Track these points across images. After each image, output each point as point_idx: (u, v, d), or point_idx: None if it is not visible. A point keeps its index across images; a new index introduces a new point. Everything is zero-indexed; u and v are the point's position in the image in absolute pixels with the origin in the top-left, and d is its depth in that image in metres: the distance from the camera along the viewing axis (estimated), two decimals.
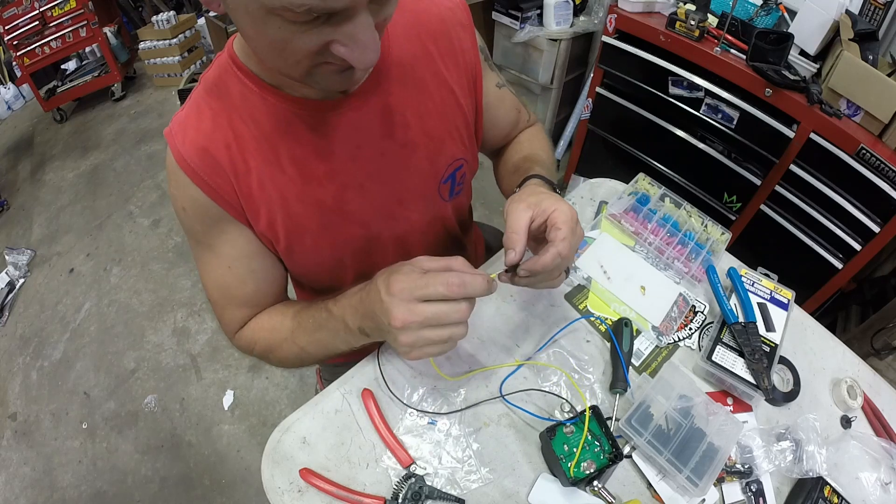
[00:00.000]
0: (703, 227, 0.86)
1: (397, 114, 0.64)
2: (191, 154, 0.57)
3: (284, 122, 0.58)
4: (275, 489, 0.58)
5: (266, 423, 1.74)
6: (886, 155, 1.28)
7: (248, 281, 0.66)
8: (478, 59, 0.71)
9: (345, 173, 0.63)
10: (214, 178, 0.58)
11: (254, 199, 0.60)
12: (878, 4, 1.47)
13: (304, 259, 0.67)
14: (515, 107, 0.81)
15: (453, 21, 0.68)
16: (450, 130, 0.69)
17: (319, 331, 0.62)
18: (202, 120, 0.58)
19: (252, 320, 0.70)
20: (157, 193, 2.72)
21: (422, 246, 0.76)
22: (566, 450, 0.57)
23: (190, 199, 0.60)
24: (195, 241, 0.65)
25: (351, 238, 0.68)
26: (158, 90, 3.60)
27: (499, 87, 0.78)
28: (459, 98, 0.69)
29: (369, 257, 0.71)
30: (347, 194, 0.64)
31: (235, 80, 0.58)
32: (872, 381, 0.74)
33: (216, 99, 0.58)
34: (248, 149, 0.58)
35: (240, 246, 0.64)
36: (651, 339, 0.73)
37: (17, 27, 3.05)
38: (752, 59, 1.45)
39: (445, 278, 0.50)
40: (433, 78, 0.66)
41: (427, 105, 0.66)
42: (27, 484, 1.68)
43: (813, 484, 0.59)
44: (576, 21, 2.16)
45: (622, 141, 1.98)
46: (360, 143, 0.62)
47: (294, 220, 0.63)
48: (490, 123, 0.78)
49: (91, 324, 2.13)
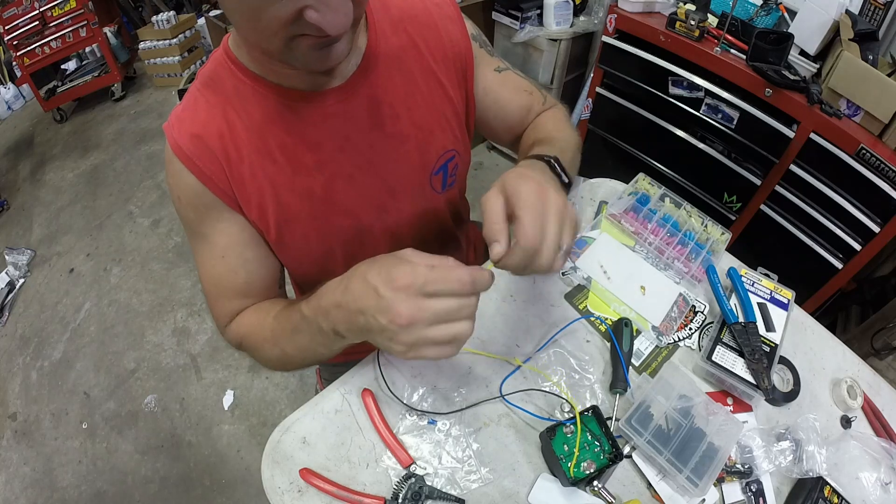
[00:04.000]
0: (703, 227, 0.86)
1: (385, 105, 0.65)
2: (185, 141, 0.59)
3: (274, 112, 0.60)
4: (275, 489, 0.58)
5: (266, 423, 1.74)
6: (886, 155, 1.28)
7: (239, 271, 0.66)
8: (469, 50, 0.71)
9: (333, 163, 0.64)
10: (208, 164, 0.59)
11: (245, 187, 0.61)
12: (878, 4, 1.47)
13: (295, 249, 0.68)
14: (524, 89, 0.78)
15: (440, 14, 0.69)
16: (439, 121, 0.70)
17: (296, 334, 0.58)
18: (198, 111, 0.60)
19: (240, 315, 0.68)
20: (157, 193, 2.72)
21: (414, 239, 0.76)
22: (566, 450, 0.57)
23: (185, 186, 0.61)
24: (191, 232, 0.66)
25: (340, 228, 0.68)
26: (158, 90, 3.60)
27: (499, 72, 0.76)
28: (448, 90, 0.70)
29: (361, 250, 0.71)
30: (336, 184, 0.65)
31: (229, 73, 0.60)
32: (872, 381, 0.74)
33: (212, 92, 0.60)
34: (241, 138, 0.60)
35: (233, 234, 0.64)
36: (651, 339, 0.73)
37: (17, 27, 3.05)
38: (752, 59, 1.45)
39: (458, 274, 0.46)
40: (421, 70, 0.67)
41: (415, 96, 0.67)
42: (27, 484, 1.68)
43: (813, 484, 0.59)
44: (576, 21, 2.16)
45: (622, 141, 1.98)
46: (349, 133, 0.63)
47: (284, 209, 0.64)
48: (496, 108, 0.77)
49: (91, 324, 2.13)
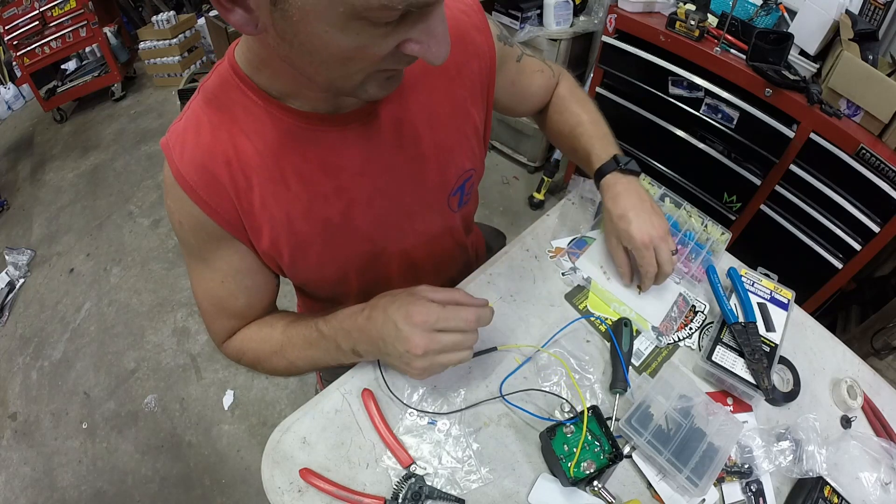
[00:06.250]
0: (703, 227, 0.86)
1: (407, 125, 0.61)
2: (189, 171, 0.55)
3: (290, 137, 0.56)
4: (275, 489, 0.58)
5: (266, 423, 1.74)
6: (886, 155, 1.28)
7: (239, 296, 0.66)
8: (493, 60, 0.68)
9: (353, 189, 0.61)
10: (214, 196, 0.56)
11: (255, 216, 0.58)
12: (878, 4, 1.47)
13: (308, 273, 0.67)
14: (538, 69, 0.81)
15: (468, 25, 0.65)
16: (460, 141, 0.67)
17: (310, 348, 0.64)
18: (201, 134, 0.55)
19: (240, 331, 0.69)
20: (157, 193, 2.72)
21: (426, 256, 0.75)
22: (566, 450, 0.57)
23: (187, 214, 0.58)
24: (189, 252, 0.64)
25: (357, 253, 0.67)
26: (158, 90, 3.60)
27: (518, 61, 0.76)
28: (470, 107, 0.67)
29: (374, 270, 0.70)
30: (355, 210, 0.62)
31: (238, 92, 0.54)
32: (872, 381, 0.74)
33: (216, 111, 0.55)
34: (251, 164, 0.56)
35: (234, 263, 0.62)
36: (651, 339, 0.73)
37: (17, 27, 3.05)
38: (752, 59, 1.45)
39: (465, 314, 0.56)
40: (445, 87, 0.64)
41: (438, 116, 0.64)
42: (27, 484, 1.68)
43: (813, 484, 0.59)
44: (576, 21, 2.16)
45: (622, 141, 1.95)
46: (369, 156, 0.60)
47: (298, 238, 0.61)
48: (521, 97, 0.80)
49: (91, 324, 2.13)
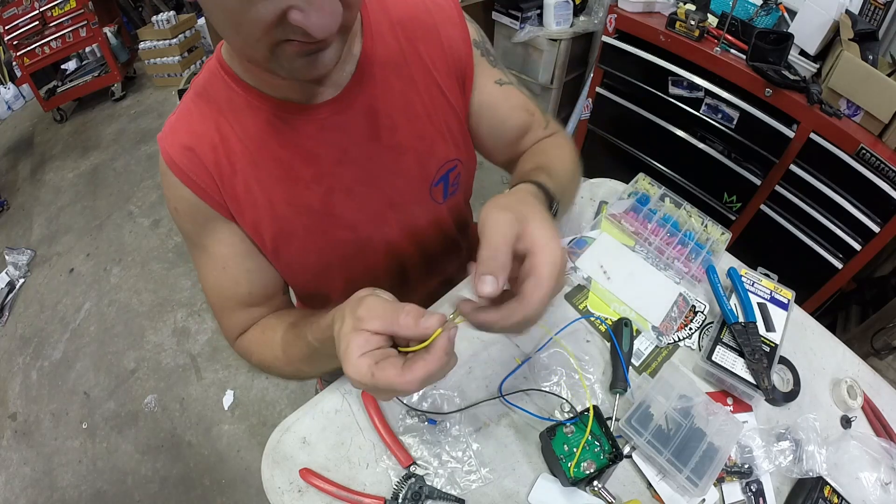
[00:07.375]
0: (703, 227, 0.86)
1: (383, 115, 0.62)
2: (177, 154, 0.57)
3: (269, 124, 0.58)
4: (275, 489, 0.58)
5: (266, 423, 1.74)
6: (886, 155, 1.28)
7: (242, 281, 0.65)
8: (470, 56, 0.67)
9: (331, 177, 0.62)
10: (202, 176, 0.58)
11: (239, 201, 0.60)
12: (878, 4, 1.47)
13: (292, 263, 0.66)
14: (525, 108, 0.72)
15: (441, 16, 0.65)
16: (440, 131, 0.67)
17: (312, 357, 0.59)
18: (191, 122, 0.58)
19: (249, 331, 0.69)
20: (157, 193, 2.72)
21: (414, 252, 0.74)
22: (566, 450, 0.57)
23: (181, 198, 0.60)
24: (191, 244, 0.65)
25: (339, 242, 0.67)
26: (158, 90, 3.60)
27: (500, 85, 0.71)
28: (449, 97, 0.66)
29: (359, 262, 0.70)
30: (335, 198, 0.63)
31: (222, 83, 0.58)
32: (872, 381, 0.74)
33: (205, 102, 0.59)
34: (235, 151, 0.58)
35: (233, 245, 0.63)
36: (651, 339, 0.73)
37: (17, 27, 3.05)
38: (752, 59, 1.45)
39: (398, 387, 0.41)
40: (422, 77, 0.64)
41: (415, 105, 0.64)
42: (27, 484, 1.68)
43: (813, 484, 0.59)
44: (576, 21, 2.16)
45: (622, 141, 1.99)
46: (346, 146, 0.61)
47: (280, 224, 0.62)
48: (492, 123, 0.71)
49: (91, 324, 2.13)
